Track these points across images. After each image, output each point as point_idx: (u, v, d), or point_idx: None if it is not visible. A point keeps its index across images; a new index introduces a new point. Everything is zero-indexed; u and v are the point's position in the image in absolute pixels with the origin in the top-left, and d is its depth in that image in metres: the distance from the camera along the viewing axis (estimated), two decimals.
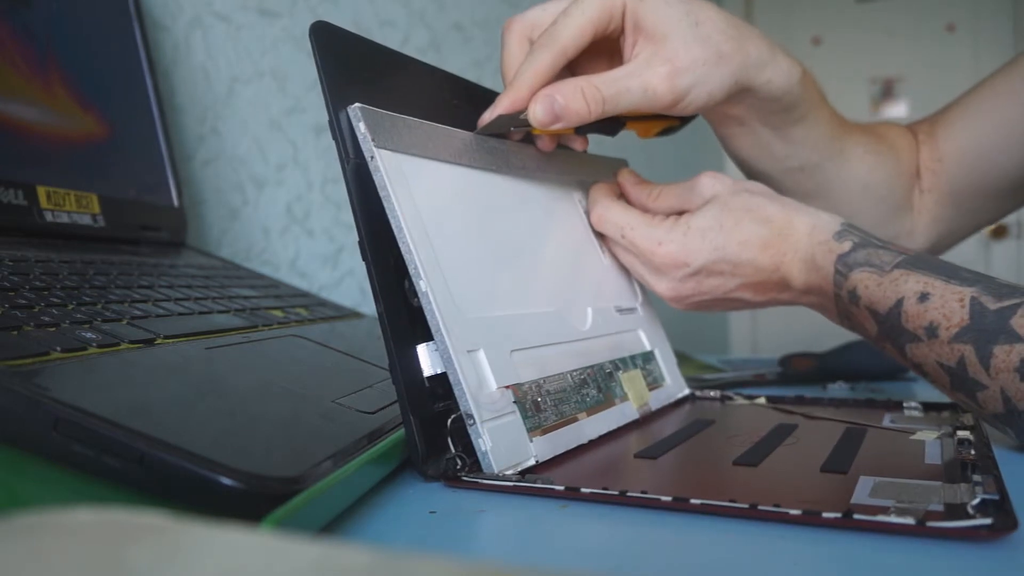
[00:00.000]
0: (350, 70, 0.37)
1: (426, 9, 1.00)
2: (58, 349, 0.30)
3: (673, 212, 0.48)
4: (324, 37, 0.36)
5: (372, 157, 0.35)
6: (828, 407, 0.49)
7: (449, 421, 0.34)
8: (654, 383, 0.50)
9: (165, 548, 0.15)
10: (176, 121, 0.68)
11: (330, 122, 0.35)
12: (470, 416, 0.34)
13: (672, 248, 0.46)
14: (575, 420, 0.40)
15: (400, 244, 0.35)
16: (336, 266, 0.84)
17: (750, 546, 0.27)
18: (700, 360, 0.78)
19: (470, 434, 0.34)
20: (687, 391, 0.53)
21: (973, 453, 0.35)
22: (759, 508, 0.28)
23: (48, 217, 0.48)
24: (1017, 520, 0.26)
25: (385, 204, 0.35)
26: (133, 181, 0.57)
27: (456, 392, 0.34)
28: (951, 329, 0.38)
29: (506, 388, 0.36)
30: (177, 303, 0.43)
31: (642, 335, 0.51)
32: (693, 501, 0.29)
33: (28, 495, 0.24)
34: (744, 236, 0.45)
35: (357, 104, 0.35)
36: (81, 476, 0.25)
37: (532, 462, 0.35)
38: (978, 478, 0.31)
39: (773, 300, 0.47)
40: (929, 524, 0.26)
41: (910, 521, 0.26)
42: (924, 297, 0.39)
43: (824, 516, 0.27)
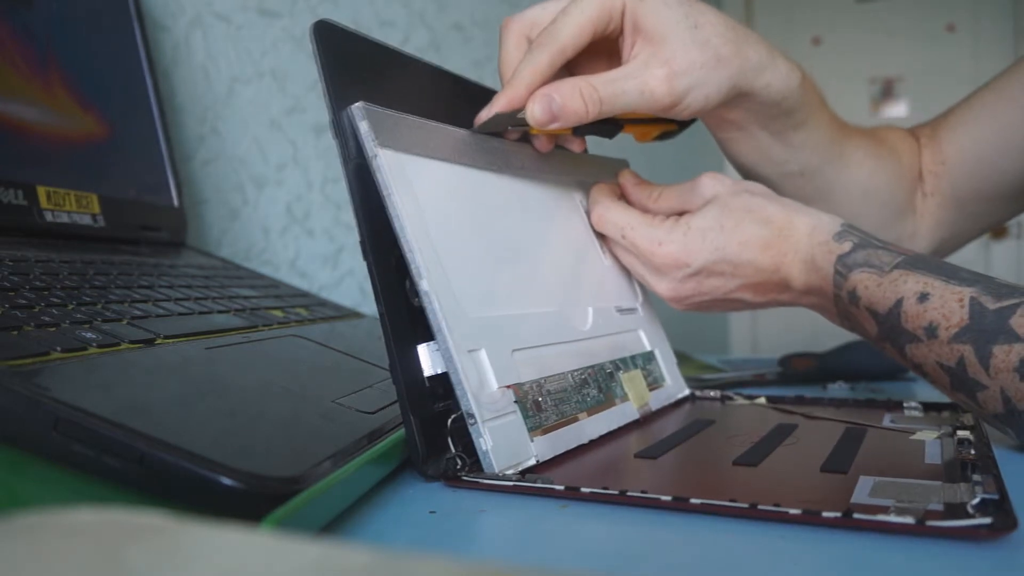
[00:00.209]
0: (351, 69, 0.37)
1: (426, 9, 1.00)
2: (58, 349, 0.30)
3: (674, 213, 0.48)
4: (325, 36, 0.36)
5: (374, 156, 0.35)
6: (828, 407, 0.49)
7: (449, 421, 0.34)
8: (654, 383, 0.50)
9: (165, 548, 0.15)
10: (176, 121, 0.68)
11: (331, 121, 0.35)
12: (471, 416, 0.34)
13: (672, 248, 0.46)
14: (575, 420, 0.40)
15: (401, 244, 0.35)
16: (336, 266, 0.84)
17: (750, 546, 0.27)
18: (700, 360, 0.78)
19: (471, 433, 0.34)
20: (687, 391, 0.53)
21: (973, 453, 0.35)
22: (759, 508, 0.28)
23: (48, 217, 0.48)
24: (1017, 520, 0.26)
25: (387, 203, 0.35)
26: (133, 181, 0.57)
27: (457, 392, 0.34)
28: (950, 329, 0.38)
29: (507, 388, 0.36)
30: (177, 303, 0.43)
31: (642, 335, 0.51)
32: (693, 501, 0.29)
33: (28, 495, 0.24)
34: (744, 237, 0.45)
35: (359, 103, 0.35)
36: (81, 476, 0.25)
37: (532, 462, 0.35)
38: (978, 478, 0.31)
39: (773, 301, 0.47)
40: (929, 523, 0.26)
41: (910, 520, 0.26)
42: (924, 297, 0.39)
43: (824, 516, 0.27)
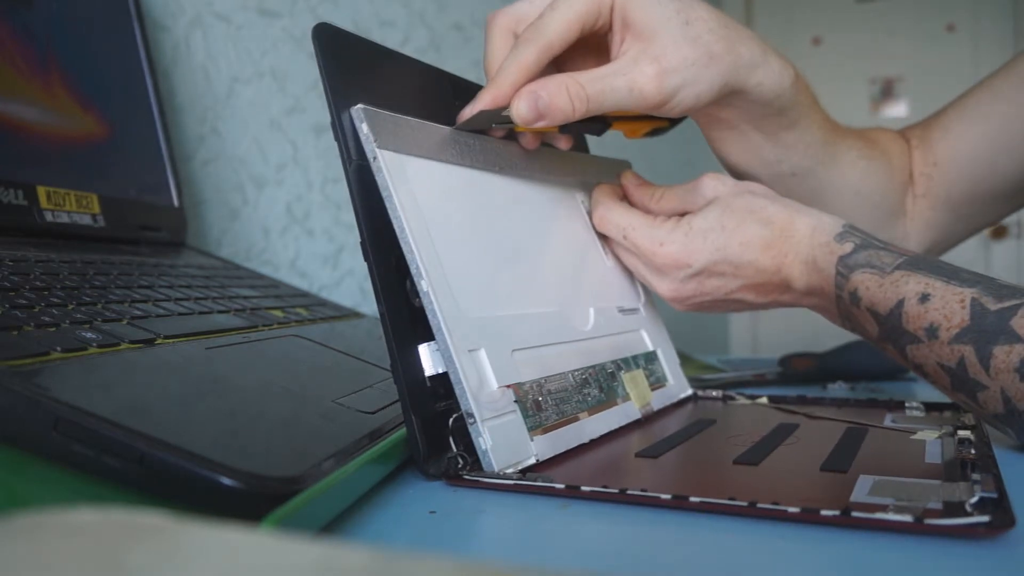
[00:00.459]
0: (352, 71, 0.37)
1: (426, 9, 1.00)
2: (58, 349, 0.30)
3: (675, 213, 0.48)
4: (326, 38, 0.36)
5: (375, 158, 0.35)
6: (830, 407, 0.49)
7: (451, 420, 0.34)
8: (657, 383, 0.50)
9: (165, 548, 0.15)
10: (176, 121, 0.68)
11: (332, 123, 0.35)
12: (470, 415, 0.34)
13: (673, 249, 0.45)
14: (576, 420, 0.40)
15: (402, 244, 0.35)
16: (336, 266, 0.84)
17: (749, 544, 0.27)
18: (700, 360, 0.78)
19: (471, 433, 0.34)
20: (690, 391, 0.53)
21: (973, 452, 0.35)
22: (758, 506, 0.28)
23: (48, 217, 0.48)
24: (1015, 517, 0.26)
25: (387, 204, 0.35)
26: (133, 181, 0.57)
27: (457, 391, 0.34)
28: (951, 330, 0.38)
29: (507, 387, 0.36)
30: (177, 303, 0.43)
31: (644, 335, 0.51)
32: (692, 499, 0.29)
33: (28, 495, 0.24)
34: (746, 237, 0.45)
35: (360, 105, 0.35)
36: (81, 476, 0.25)
37: (532, 461, 0.35)
38: (977, 476, 0.31)
39: (774, 301, 0.47)
40: (927, 522, 0.26)
41: (908, 519, 0.26)
42: (925, 298, 0.39)
43: (822, 514, 0.27)
